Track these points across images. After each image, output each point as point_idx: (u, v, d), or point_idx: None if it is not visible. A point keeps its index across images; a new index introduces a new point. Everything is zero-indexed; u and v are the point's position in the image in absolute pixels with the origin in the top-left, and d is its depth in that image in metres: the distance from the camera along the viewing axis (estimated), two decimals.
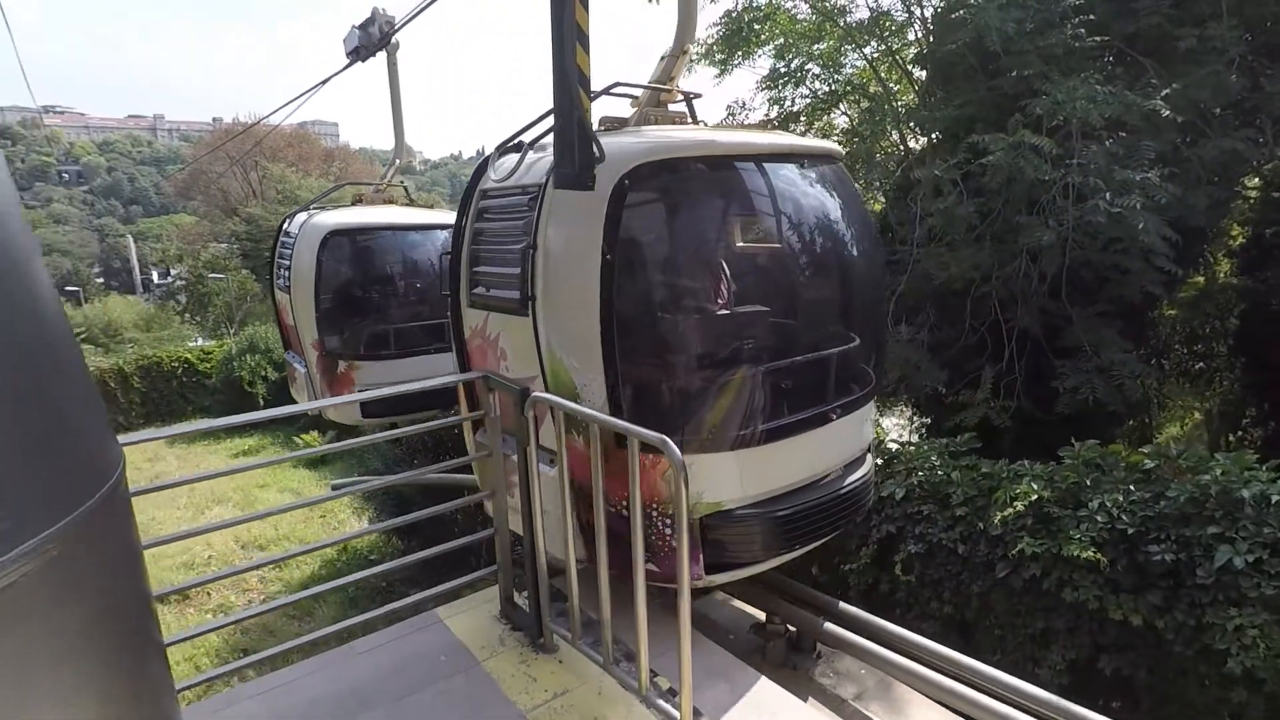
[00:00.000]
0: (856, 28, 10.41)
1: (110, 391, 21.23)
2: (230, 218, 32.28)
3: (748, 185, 3.58)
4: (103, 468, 1.27)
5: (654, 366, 3.36)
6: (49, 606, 1.08)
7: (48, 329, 1.21)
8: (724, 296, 3.47)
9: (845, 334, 3.96)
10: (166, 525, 11.57)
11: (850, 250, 4.08)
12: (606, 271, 3.11)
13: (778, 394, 3.50)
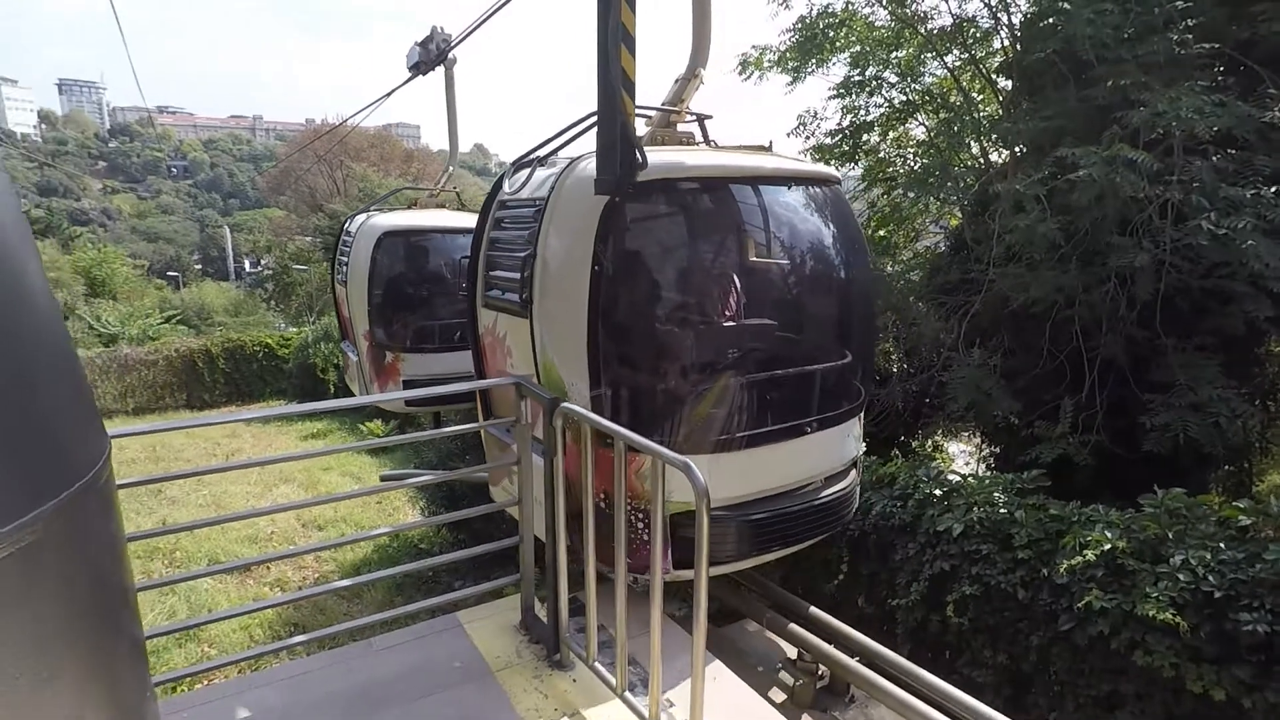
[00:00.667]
0: (938, 35, 9.95)
1: (197, 370, 22.48)
2: (315, 213, 33.72)
3: (731, 205, 3.81)
4: (83, 459, 1.25)
5: (634, 371, 3.62)
6: (18, 597, 1.07)
7: (34, 320, 1.20)
8: (704, 310, 3.73)
9: (824, 352, 4.15)
10: (236, 499, 12.09)
11: (834, 271, 4.28)
12: (595, 281, 3.35)
13: (751, 405, 3.73)
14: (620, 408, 3.49)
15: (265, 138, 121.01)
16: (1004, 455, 10.06)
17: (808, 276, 4.19)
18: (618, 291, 3.49)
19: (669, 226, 3.80)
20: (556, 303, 3.54)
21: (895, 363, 11.53)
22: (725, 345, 3.77)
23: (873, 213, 11.45)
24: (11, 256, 1.15)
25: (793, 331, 4.04)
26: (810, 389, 4.01)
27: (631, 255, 3.61)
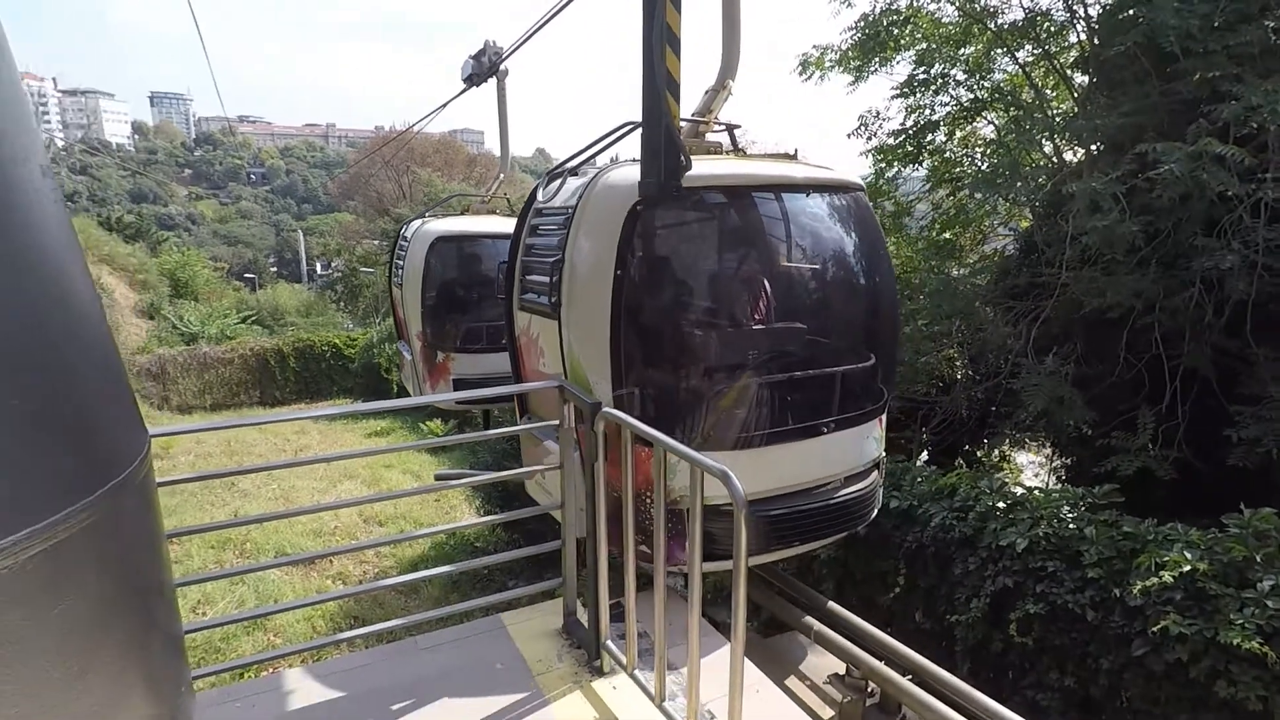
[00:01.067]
0: (1009, 30, 9.58)
1: (270, 369, 23.47)
2: (382, 217, 34.81)
3: (751, 212, 3.92)
4: (120, 457, 1.28)
5: (654, 370, 3.75)
6: (50, 591, 1.09)
7: (75, 320, 1.23)
8: (722, 314, 3.91)
9: (842, 355, 4.22)
10: (303, 494, 12.52)
11: (854, 276, 4.38)
12: (617, 285, 3.52)
13: (768, 405, 3.86)
14: (640, 406, 3.63)
15: (337, 145, 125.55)
16: (1077, 467, 9.61)
17: (827, 281, 4.29)
18: (639, 295, 3.65)
19: (690, 232, 3.97)
20: (582, 305, 3.71)
21: (959, 369, 11.14)
22: (743, 348, 3.88)
23: (937, 215, 11.10)
24: (54, 258, 1.18)
25: (810, 335, 4.12)
26: (827, 391, 4.09)
27: (652, 260, 3.75)
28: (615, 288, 3.52)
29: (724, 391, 3.81)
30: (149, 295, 26.52)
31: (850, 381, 4.19)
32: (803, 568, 6.81)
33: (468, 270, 7.75)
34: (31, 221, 1.13)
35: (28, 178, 1.13)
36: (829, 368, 4.13)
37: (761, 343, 3.93)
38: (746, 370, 3.87)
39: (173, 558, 9.17)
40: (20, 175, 1.12)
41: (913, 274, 11.41)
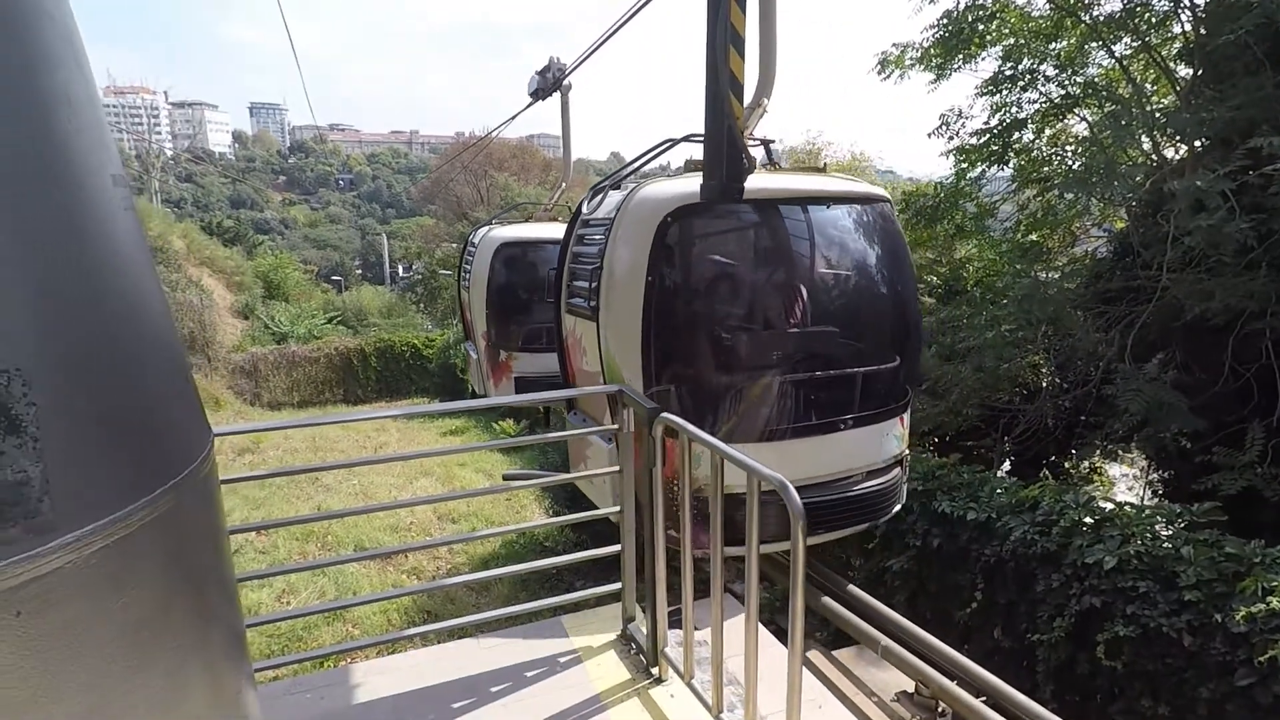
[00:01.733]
0: (1105, 22, 9.06)
1: (353, 368, 24.51)
2: (461, 220, 35.85)
3: (775, 223, 4.19)
4: (183, 455, 1.33)
5: (681, 369, 4.06)
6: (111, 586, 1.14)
7: (146, 326, 1.29)
8: (747, 318, 4.21)
9: (861, 357, 4.45)
10: (381, 489, 13.02)
11: (875, 283, 4.62)
12: (649, 290, 3.85)
13: (790, 402, 4.14)
14: (668, 402, 3.90)
15: (420, 151, 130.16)
16: (1174, 482, 9.01)
17: (849, 287, 4.54)
18: (669, 299, 3.98)
19: (717, 242, 4.27)
20: (618, 308, 4.03)
21: (1045, 376, 10.61)
22: (765, 350, 4.21)
23: (1023, 216, 10.60)
24: (123, 263, 1.23)
25: (830, 338, 4.40)
26: (846, 390, 4.36)
27: (682, 267, 4.08)
28: (647, 293, 3.87)
29: (746, 389, 4.11)
30: (244, 296, 28.11)
31: (869, 381, 4.43)
32: (873, 578, 6.62)
33: (529, 274, 8.04)
34: (103, 229, 1.20)
35: (100, 187, 1.20)
36: (848, 368, 4.42)
37: (782, 345, 4.24)
38: (767, 370, 4.17)
39: (260, 548, 9.70)
40: (94, 185, 1.18)
41: (995, 278, 10.93)
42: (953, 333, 10.16)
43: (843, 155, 28.66)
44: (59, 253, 1.10)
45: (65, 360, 1.08)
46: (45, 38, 1.12)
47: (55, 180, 1.10)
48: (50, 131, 1.11)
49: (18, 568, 0.99)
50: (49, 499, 1.03)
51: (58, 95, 1.13)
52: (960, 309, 10.60)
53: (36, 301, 1.05)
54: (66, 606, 1.06)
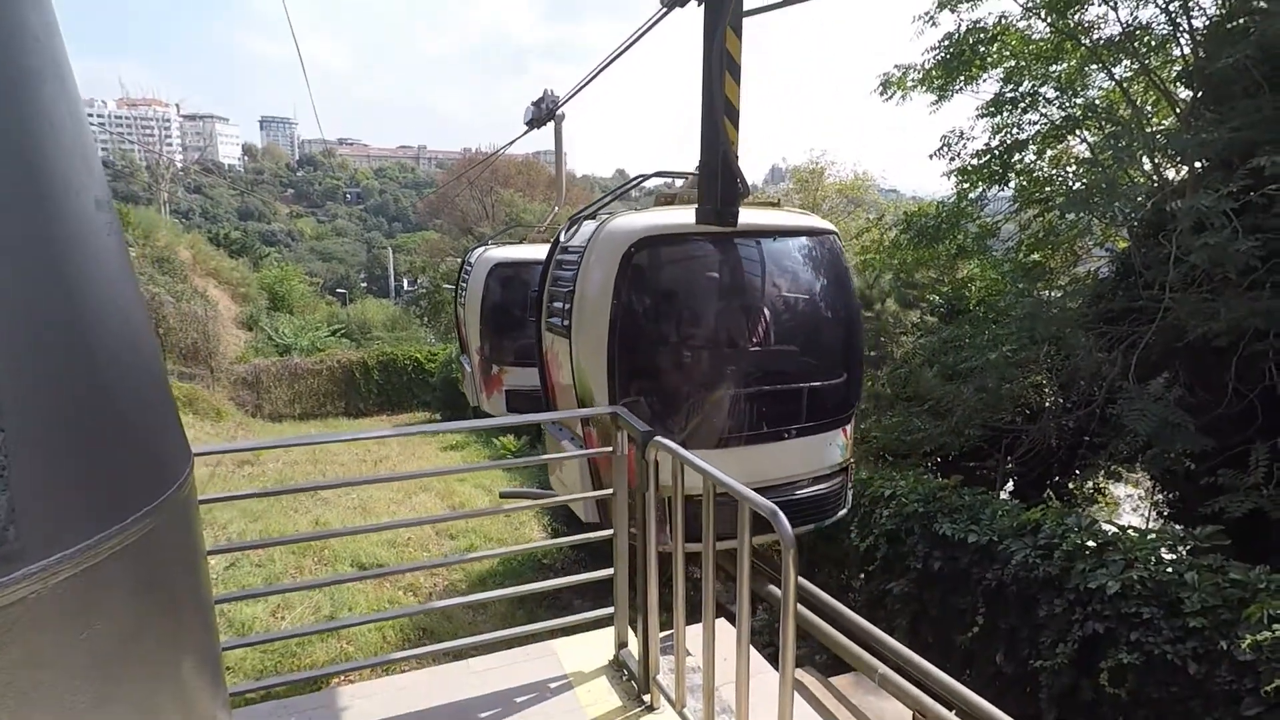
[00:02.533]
0: (1104, 45, 9.11)
1: (355, 381, 24.51)
2: (465, 235, 36.01)
3: (726, 254, 4.65)
4: (160, 480, 1.31)
5: (643, 381, 4.52)
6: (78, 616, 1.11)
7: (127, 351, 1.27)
8: (698, 338, 4.70)
9: (801, 374, 4.90)
10: (380, 503, 12.94)
11: (818, 307, 5.07)
12: (614, 311, 4.31)
13: (739, 412, 4.61)
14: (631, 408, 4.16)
15: (427, 166, 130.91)
16: (1180, 504, 8.93)
17: (795, 312, 4.95)
18: (632, 320, 4.43)
19: (675, 270, 4.73)
20: (588, 327, 4.49)
21: (1048, 397, 10.56)
22: (718, 366, 4.68)
23: (1025, 236, 10.60)
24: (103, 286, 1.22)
25: (778, 357, 4.87)
26: (791, 403, 4.81)
27: (643, 292, 4.51)
28: (612, 313, 4.34)
29: (700, 401, 4.59)
30: (249, 307, 28.20)
31: (813, 396, 4.89)
32: (874, 601, 6.56)
33: (521, 293, 8.40)
34: (82, 253, 1.18)
35: (81, 210, 1.18)
36: (793, 384, 4.90)
37: (733, 362, 4.71)
38: (719, 384, 4.66)
39: (256, 560, 9.63)
40: (74, 208, 1.17)
41: (997, 297, 10.92)
42: (955, 352, 10.13)
43: (845, 174, 28.72)
44: (36, 276, 1.09)
45: (37, 386, 1.06)
46: (27, 55, 1.11)
47: (32, 202, 1.09)
48: (28, 152, 1.09)
49: None
50: (14, 528, 1.01)
51: (41, 114, 1.12)
52: (962, 328, 10.58)
53: (9, 327, 1.04)
54: (31, 638, 1.03)
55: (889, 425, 11.01)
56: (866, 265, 15.90)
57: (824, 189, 30.17)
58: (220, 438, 17.74)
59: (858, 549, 6.83)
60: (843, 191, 29.94)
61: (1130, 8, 8.87)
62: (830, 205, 30.25)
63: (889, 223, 13.87)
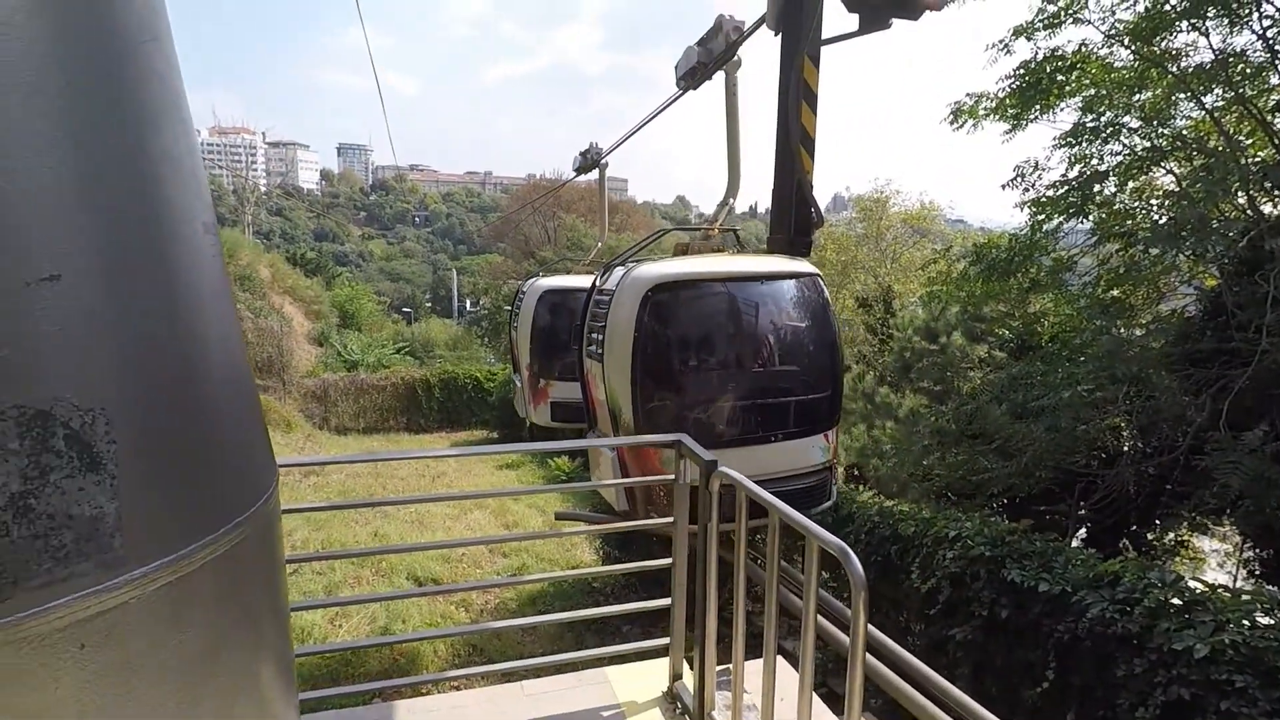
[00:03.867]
0: (1194, 73, 8.75)
1: (417, 398, 25.13)
2: (528, 259, 36.76)
3: (723, 295, 5.74)
4: (249, 494, 1.36)
5: (658, 396, 5.58)
6: (170, 624, 1.16)
7: (225, 369, 1.34)
8: (701, 361, 5.83)
9: (787, 390, 5.96)
10: (436, 518, 13.21)
11: (800, 337, 6.00)
12: (635, 343, 5.37)
13: (736, 420, 5.76)
14: (652, 420, 5.49)
15: (493, 191, 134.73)
16: (1275, 562, 8.32)
17: (783, 340, 5.93)
18: (649, 349, 5.46)
19: (681, 310, 5.72)
20: (616, 353, 5.51)
21: (1126, 440, 10.02)
22: (719, 384, 5.76)
23: (1103, 271, 10.16)
24: (207, 307, 1.29)
25: (768, 377, 5.92)
26: (780, 414, 5.88)
27: (658, 328, 5.52)
28: (634, 343, 5.38)
29: (704, 411, 5.69)
30: (321, 324, 29.34)
31: (798, 408, 5.95)
32: (934, 647, 6.29)
33: (566, 317, 9.28)
34: (191, 275, 1.26)
35: (192, 235, 1.27)
36: (780, 398, 5.94)
37: (731, 381, 5.78)
38: (720, 398, 5.73)
39: (317, 569, 9.91)
40: (187, 233, 1.25)
41: (1072, 334, 10.47)
42: (1025, 390, 9.74)
43: (911, 204, 28.25)
44: (151, 298, 1.16)
45: (146, 400, 1.12)
46: (154, 97, 1.19)
47: (155, 230, 1.17)
48: (154, 185, 1.18)
49: (86, 601, 1.02)
50: (120, 535, 1.06)
51: (163, 151, 1.20)
52: (1034, 365, 10.18)
53: (126, 344, 1.10)
54: (127, 642, 1.08)
55: (953, 463, 10.62)
56: (932, 297, 15.50)
57: (888, 218, 29.68)
58: (290, 448, 18.40)
59: (918, 590, 6.58)
60: (908, 221, 29.40)
61: (1223, 34, 8.52)
62: (894, 235, 29.72)
63: (956, 254, 13.49)
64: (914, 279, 25.06)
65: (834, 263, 30.28)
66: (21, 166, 0.97)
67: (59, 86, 1.03)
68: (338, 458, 9.66)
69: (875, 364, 20.02)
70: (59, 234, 1.02)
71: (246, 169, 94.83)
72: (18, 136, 0.97)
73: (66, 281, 1.01)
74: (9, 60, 0.97)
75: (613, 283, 5.80)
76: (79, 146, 1.05)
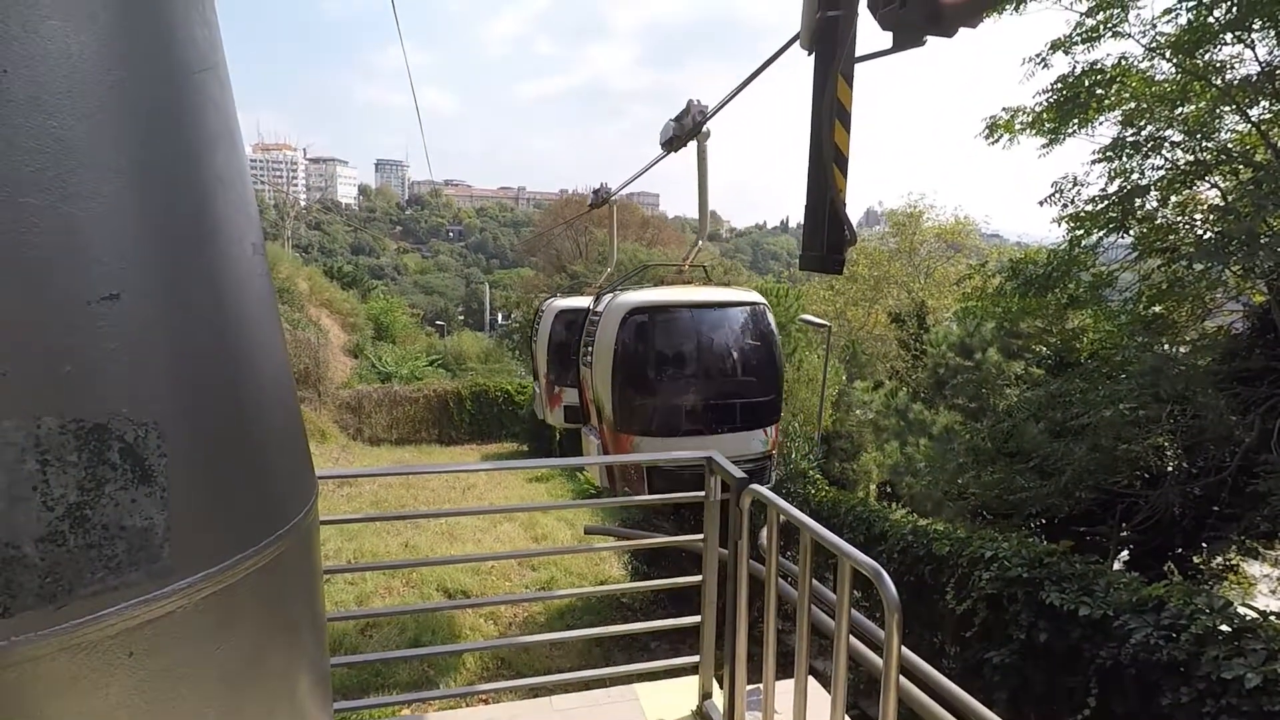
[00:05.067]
0: (1239, 86, 8.54)
1: (449, 410, 25.39)
2: (559, 273, 37.06)
3: (683, 319, 7.30)
4: (290, 507, 1.40)
5: (632, 397, 7.10)
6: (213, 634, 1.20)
7: (270, 385, 1.38)
8: (666, 369, 7.17)
9: (733, 393, 7.32)
10: (467, 530, 13.31)
11: (746, 353, 7.45)
12: (615, 354, 6.95)
13: (692, 415, 7.20)
14: (627, 415, 7.10)
15: (525, 206, 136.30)
16: None
17: (730, 355, 7.41)
18: (625, 360, 7.03)
19: (652, 330, 7.16)
20: (601, 363, 7.15)
21: (1170, 460, 9.73)
22: (679, 387, 7.23)
23: (1145, 286, 9.92)
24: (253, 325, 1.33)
25: (717, 382, 7.31)
26: (727, 411, 7.28)
27: (633, 343, 7.05)
28: (614, 355, 7.00)
29: (667, 407, 7.17)
30: (356, 336, 29.84)
31: (742, 408, 7.32)
32: (970, 670, 6.14)
33: (577, 332, 10.21)
34: (239, 293, 1.30)
35: (241, 255, 1.32)
36: (729, 400, 7.30)
37: (688, 385, 7.22)
38: (680, 398, 7.20)
39: (349, 578, 10.04)
40: (236, 253, 1.30)
41: (1113, 351, 10.22)
42: (1064, 407, 9.53)
43: (945, 218, 27.89)
44: (201, 315, 1.20)
45: (195, 414, 1.16)
46: (209, 123, 1.25)
47: (207, 250, 1.22)
48: (207, 207, 1.23)
49: (135, 610, 1.06)
50: (169, 545, 1.10)
51: (216, 175, 1.25)
52: (1072, 382, 9.95)
53: (178, 360, 1.15)
54: (173, 650, 1.11)
55: (989, 482, 10.42)
56: (967, 313, 15.26)
57: (921, 233, 29.32)
58: (325, 458, 18.71)
59: (954, 612, 6.44)
60: (942, 236, 29.00)
61: (1269, 45, 8.31)
62: (928, 249, 29.37)
63: (992, 269, 13.27)
64: (948, 294, 24.72)
65: (866, 278, 30.02)
66: (88, 191, 1.02)
67: (122, 115, 1.08)
68: (373, 470, 9.83)
69: (908, 380, 19.76)
70: (119, 255, 1.07)
71: (287, 184, 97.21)
72: (84, 162, 1.02)
73: (125, 300, 1.06)
74: (78, 91, 1.02)
75: (601, 307, 7.34)
76: (140, 172, 1.11)
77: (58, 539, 1.00)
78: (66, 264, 1.00)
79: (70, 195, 1.01)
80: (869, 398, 19.04)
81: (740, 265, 58.90)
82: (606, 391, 7.00)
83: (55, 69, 1.00)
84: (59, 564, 1.00)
